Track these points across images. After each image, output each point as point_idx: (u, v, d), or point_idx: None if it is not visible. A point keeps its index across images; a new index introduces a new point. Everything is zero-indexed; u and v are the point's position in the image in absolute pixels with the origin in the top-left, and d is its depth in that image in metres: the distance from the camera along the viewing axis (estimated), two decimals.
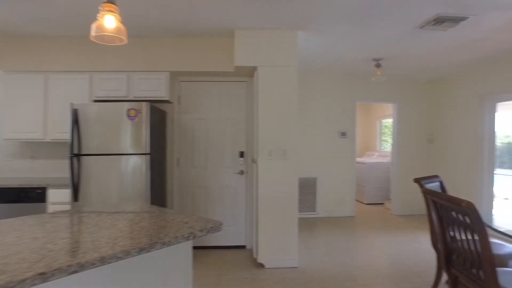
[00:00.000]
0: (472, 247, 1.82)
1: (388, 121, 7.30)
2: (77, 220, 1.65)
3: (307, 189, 5.63)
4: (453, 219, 1.97)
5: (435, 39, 3.60)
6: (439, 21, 3.04)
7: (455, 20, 3.04)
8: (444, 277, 2.52)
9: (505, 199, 5.16)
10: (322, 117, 5.73)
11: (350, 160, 5.80)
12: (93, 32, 1.59)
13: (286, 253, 3.40)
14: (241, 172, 3.95)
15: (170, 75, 3.69)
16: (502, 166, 4.83)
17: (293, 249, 3.41)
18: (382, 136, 8.20)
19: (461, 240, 1.93)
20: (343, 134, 5.75)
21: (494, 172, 4.71)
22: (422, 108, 5.95)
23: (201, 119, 3.97)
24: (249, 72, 3.71)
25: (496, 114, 4.73)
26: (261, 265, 3.39)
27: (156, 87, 3.61)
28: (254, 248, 3.61)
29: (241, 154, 3.96)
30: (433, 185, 2.77)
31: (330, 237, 4.47)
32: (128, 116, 3.20)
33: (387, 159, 6.87)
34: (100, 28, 1.54)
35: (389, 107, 6.34)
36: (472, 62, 4.60)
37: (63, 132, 3.53)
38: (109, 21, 1.54)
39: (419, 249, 3.99)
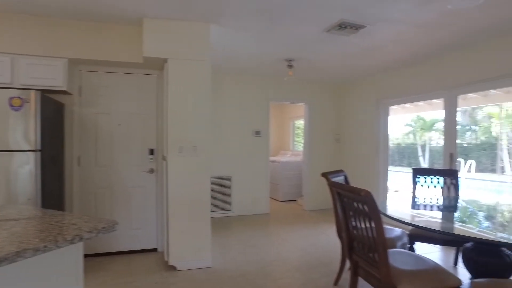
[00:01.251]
0: (370, 234, 1.98)
1: (301, 122, 7.71)
2: None
3: (222, 188, 5.58)
4: (354, 208, 2.11)
5: (340, 44, 3.87)
6: (342, 26, 3.28)
7: (356, 27, 3.31)
8: (348, 264, 2.71)
9: (396, 191, 5.92)
10: (237, 115, 5.72)
11: (264, 159, 5.92)
12: None
13: (199, 254, 3.28)
14: (151, 171, 3.70)
15: (69, 63, 3.23)
16: (393, 163, 5.53)
17: (206, 249, 3.30)
18: (295, 136, 8.62)
19: (361, 228, 2.08)
20: (257, 132, 5.84)
21: (388, 169, 5.34)
22: (330, 109, 6.39)
23: (106, 114, 3.60)
24: (160, 65, 3.49)
25: (389, 117, 5.36)
26: (172, 268, 3.21)
27: (51, 75, 3.13)
28: (165, 251, 3.40)
29: (151, 152, 3.70)
30: (339, 179, 2.97)
31: (245, 235, 4.48)
32: (11, 105, 2.73)
33: (299, 158, 7.20)
34: None
35: (302, 109, 6.68)
36: (370, 69, 5.11)
37: None
38: None
39: (327, 240, 4.27)
